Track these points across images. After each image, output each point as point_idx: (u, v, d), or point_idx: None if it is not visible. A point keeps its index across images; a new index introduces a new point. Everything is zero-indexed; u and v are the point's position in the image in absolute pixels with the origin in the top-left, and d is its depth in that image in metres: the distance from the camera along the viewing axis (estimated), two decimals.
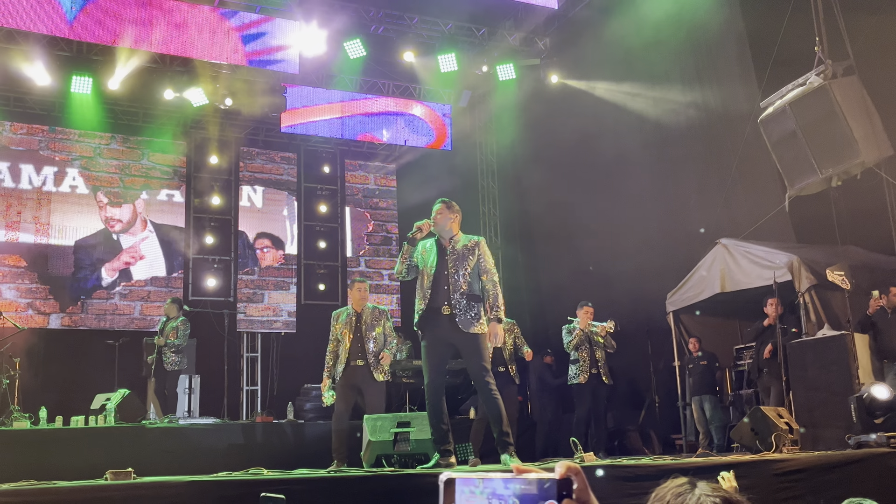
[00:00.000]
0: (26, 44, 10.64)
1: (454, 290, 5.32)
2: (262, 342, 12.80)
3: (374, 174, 14.09)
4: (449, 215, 5.57)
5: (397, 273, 5.65)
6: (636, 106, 11.04)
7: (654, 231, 10.19)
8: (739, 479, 3.47)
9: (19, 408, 8.74)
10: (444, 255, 5.46)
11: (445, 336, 5.38)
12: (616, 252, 10.38)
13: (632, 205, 10.56)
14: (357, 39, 11.49)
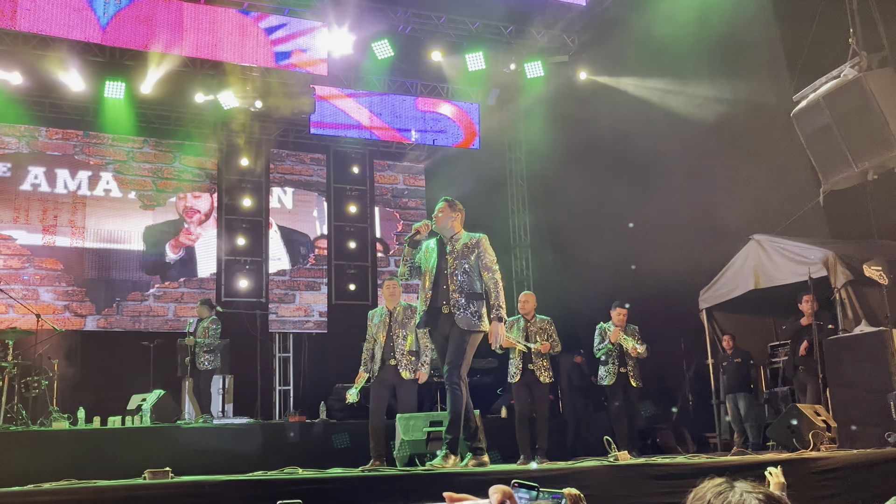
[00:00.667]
0: (61, 50, 10.82)
1: (454, 290, 5.30)
2: (293, 342, 12.89)
3: (403, 174, 14.12)
4: (451, 214, 5.54)
5: (400, 275, 5.68)
6: (666, 102, 10.95)
7: (685, 228, 10.10)
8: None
9: (58, 408, 8.90)
10: (445, 253, 5.44)
11: (443, 332, 5.37)
12: (647, 249, 10.30)
13: (663, 202, 10.47)
14: (385, 40, 11.53)
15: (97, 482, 4.12)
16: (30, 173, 11.60)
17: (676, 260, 9.85)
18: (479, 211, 12.53)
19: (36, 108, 11.56)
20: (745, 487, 1.40)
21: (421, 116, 13.19)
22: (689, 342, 10.67)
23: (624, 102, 11.42)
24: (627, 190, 10.90)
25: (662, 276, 9.98)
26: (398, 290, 6.98)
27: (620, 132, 10.88)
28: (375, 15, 11.48)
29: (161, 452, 7.41)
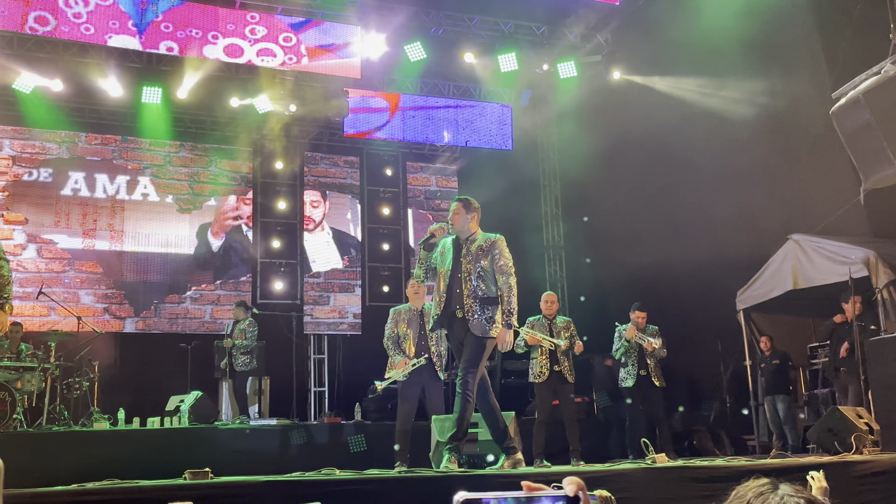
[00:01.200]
0: (99, 57, 11.02)
1: (468, 294, 5.21)
2: (328, 344, 12.97)
3: (436, 176, 14.14)
4: (466, 215, 5.41)
5: (416, 277, 5.66)
6: (702, 101, 10.85)
7: (722, 228, 9.99)
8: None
9: (99, 409, 9.05)
10: (460, 255, 5.34)
11: (458, 336, 5.31)
12: (683, 250, 10.21)
13: (699, 201, 10.37)
14: (417, 42, 11.57)
15: (139, 482, 4.18)
16: (70, 178, 11.82)
17: (713, 260, 9.75)
18: (512, 212, 12.56)
19: (76, 115, 11.77)
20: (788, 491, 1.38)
21: (453, 118, 13.20)
22: (727, 344, 10.55)
23: (658, 102, 11.32)
24: (663, 190, 10.82)
25: (699, 276, 9.88)
26: (422, 289, 6.94)
27: (655, 132, 10.79)
28: (408, 17, 11.52)
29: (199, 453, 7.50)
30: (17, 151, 11.60)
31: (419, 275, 5.54)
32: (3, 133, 11.57)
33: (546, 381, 7.53)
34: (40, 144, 11.72)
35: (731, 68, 10.35)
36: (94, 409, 8.94)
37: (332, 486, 4.21)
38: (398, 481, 4.57)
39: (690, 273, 10.02)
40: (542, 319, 7.76)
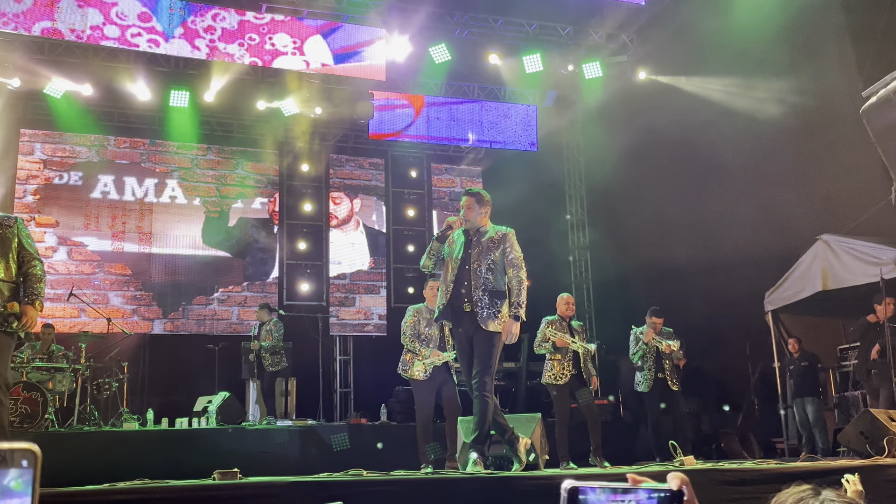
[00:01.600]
0: (128, 61, 11.15)
1: (476, 287, 5.16)
2: (353, 345, 13.01)
3: (461, 177, 14.14)
4: (479, 209, 5.38)
5: (423, 266, 5.47)
6: (729, 100, 10.76)
7: (749, 228, 9.91)
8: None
9: (128, 409, 9.16)
10: (469, 248, 5.29)
11: (467, 332, 5.23)
12: (710, 251, 10.13)
13: (726, 201, 10.28)
14: (442, 44, 11.58)
15: (169, 482, 4.22)
16: (100, 181, 11.97)
17: (741, 261, 9.66)
18: (537, 213, 12.55)
19: (105, 118, 11.93)
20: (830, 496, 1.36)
21: (478, 119, 13.21)
22: (755, 345, 10.45)
23: (685, 102, 11.25)
24: (690, 190, 10.74)
25: (727, 277, 9.79)
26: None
27: (682, 132, 10.72)
28: (433, 20, 11.55)
29: (227, 453, 7.57)
30: (48, 155, 11.77)
31: (427, 264, 5.41)
32: (35, 137, 11.74)
33: (566, 383, 7.44)
34: (70, 148, 11.88)
35: (760, 67, 10.26)
36: (123, 410, 9.04)
37: (359, 487, 4.22)
38: (425, 483, 4.58)
39: (718, 274, 9.93)
40: (560, 321, 7.68)
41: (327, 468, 5.45)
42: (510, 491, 4.37)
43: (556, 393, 7.44)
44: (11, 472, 0.82)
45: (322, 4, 11.32)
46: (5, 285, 4.30)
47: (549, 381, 7.45)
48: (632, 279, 12.34)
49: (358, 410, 11.64)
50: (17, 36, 10.42)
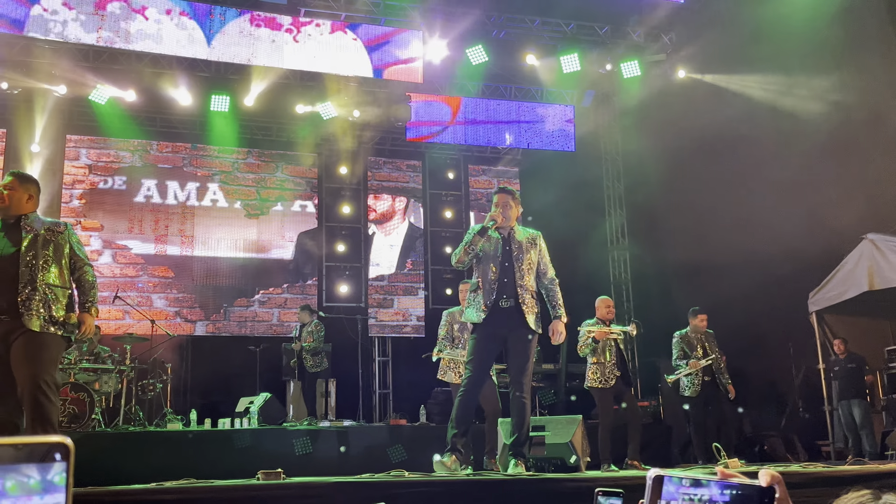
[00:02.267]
0: (170, 67, 11.34)
1: (518, 286, 5.15)
2: (392, 346, 13.07)
3: (498, 178, 14.12)
4: (516, 208, 5.41)
5: (458, 263, 5.32)
6: (769, 98, 10.61)
7: (792, 227, 9.75)
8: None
9: (172, 410, 9.31)
10: (507, 246, 5.27)
11: (501, 331, 5.18)
12: (752, 251, 9.99)
13: (767, 201, 10.14)
14: (479, 45, 11.59)
15: (214, 482, 4.28)
16: (143, 186, 12.18)
17: (784, 261, 9.52)
18: (576, 213, 12.48)
19: (148, 124, 12.14)
20: (892, 500, 1.34)
21: (515, 120, 13.18)
22: (798, 346, 10.29)
23: (725, 99, 11.11)
24: (730, 189, 10.60)
25: (769, 278, 9.66)
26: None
27: (722, 130, 10.60)
28: (470, 21, 11.56)
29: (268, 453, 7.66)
30: (93, 160, 12.01)
31: (464, 259, 5.27)
32: (80, 143, 11.99)
33: (609, 389, 7.41)
34: (114, 153, 12.11)
35: (802, 65, 10.09)
36: (167, 410, 9.19)
37: (401, 488, 4.24)
38: (466, 484, 4.58)
39: (760, 274, 9.79)
40: (601, 324, 7.67)
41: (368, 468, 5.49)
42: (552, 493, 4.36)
43: (599, 396, 7.42)
44: (55, 466, 0.84)
45: (360, 8, 11.39)
46: (60, 291, 4.41)
47: (593, 384, 7.43)
48: (671, 280, 12.22)
49: (397, 411, 11.68)
50: (63, 44, 10.65)
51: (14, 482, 0.81)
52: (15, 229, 4.39)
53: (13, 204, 4.40)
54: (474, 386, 5.17)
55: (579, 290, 12.17)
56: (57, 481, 0.83)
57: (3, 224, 4.42)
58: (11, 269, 4.27)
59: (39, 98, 11.30)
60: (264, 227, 12.64)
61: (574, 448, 5.88)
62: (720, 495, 0.96)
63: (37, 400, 4.14)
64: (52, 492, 0.83)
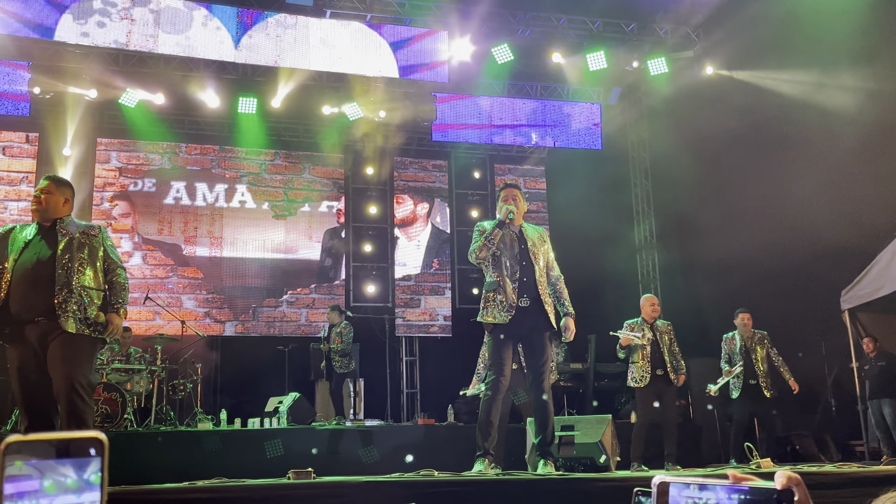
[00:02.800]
0: (198, 70, 11.45)
1: (538, 283, 5.07)
2: (419, 346, 13.09)
3: (524, 177, 14.09)
4: (524, 204, 5.33)
5: (478, 260, 5.16)
6: (800, 92, 10.47)
7: (824, 224, 9.61)
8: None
9: (202, 410, 9.39)
10: (523, 245, 5.17)
11: (518, 330, 5.11)
12: (783, 248, 9.87)
13: (798, 198, 10.00)
14: (505, 44, 11.57)
15: (245, 481, 4.31)
16: (172, 188, 12.31)
17: (816, 258, 9.40)
18: (603, 211, 12.42)
19: (176, 126, 12.26)
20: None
21: (541, 119, 13.14)
22: (831, 345, 10.16)
23: (754, 95, 10.99)
24: (760, 186, 10.48)
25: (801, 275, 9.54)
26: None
27: (751, 126, 10.48)
28: (495, 20, 11.55)
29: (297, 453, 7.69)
30: (123, 163, 12.15)
31: (484, 255, 5.12)
32: (111, 146, 12.14)
33: (648, 385, 7.42)
34: (144, 156, 12.25)
35: (830, 58, 9.94)
36: (197, 410, 9.27)
37: (431, 488, 4.24)
38: (496, 484, 4.57)
39: (791, 272, 9.68)
40: (642, 323, 7.64)
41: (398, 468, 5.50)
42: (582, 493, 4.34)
43: (636, 395, 7.45)
44: (90, 465, 0.85)
45: (385, 9, 11.42)
46: (95, 293, 4.47)
47: (630, 383, 7.48)
48: (701, 278, 12.11)
49: (425, 411, 11.70)
50: (93, 48, 10.79)
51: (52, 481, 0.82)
52: (51, 233, 4.46)
53: (50, 208, 4.48)
54: (500, 390, 5.10)
55: (607, 289, 12.13)
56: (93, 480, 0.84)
57: (40, 227, 4.49)
58: (48, 271, 4.34)
59: (71, 102, 11.47)
60: (292, 227, 12.72)
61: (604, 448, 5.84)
62: (727, 500, 0.93)
63: (72, 401, 4.19)
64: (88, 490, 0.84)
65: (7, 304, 4.28)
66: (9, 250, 4.38)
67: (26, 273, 4.32)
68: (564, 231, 13.24)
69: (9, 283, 4.29)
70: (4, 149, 11.67)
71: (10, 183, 11.58)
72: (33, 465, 0.81)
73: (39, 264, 4.35)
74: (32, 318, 4.29)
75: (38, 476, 0.81)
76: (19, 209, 11.47)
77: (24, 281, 4.31)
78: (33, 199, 4.49)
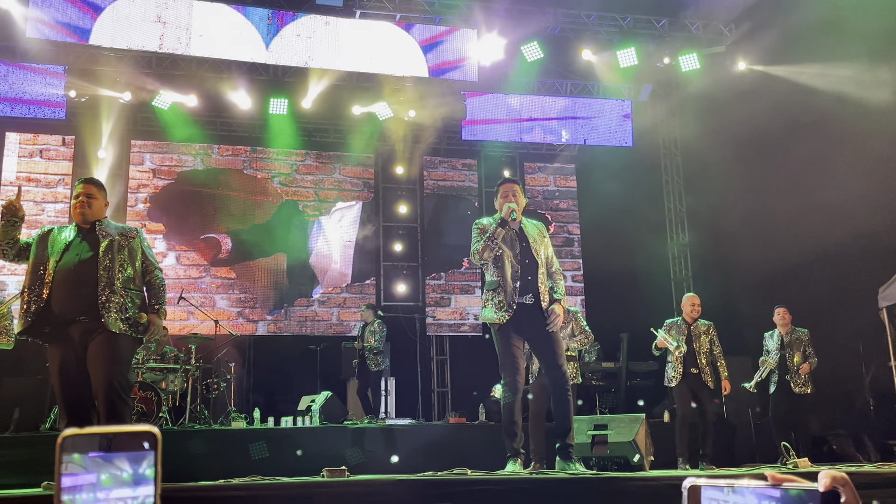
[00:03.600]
0: (229, 72, 11.56)
1: (539, 282, 5.01)
2: (450, 345, 13.10)
3: (554, 175, 14.04)
4: (523, 199, 5.24)
5: (481, 260, 5.06)
6: (835, 88, 10.30)
7: (860, 221, 9.45)
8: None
9: (235, 408, 9.48)
10: (524, 242, 5.10)
11: (525, 327, 5.04)
12: (817, 244, 9.72)
13: (834, 193, 9.84)
14: (534, 42, 11.53)
15: (280, 479, 4.35)
16: None
17: (852, 255, 9.25)
18: (634, 209, 12.34)
19: (209, 127, 12.39)
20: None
21: (571, 116, 13.08)
22: (868, 343, 9.98)
23: (787, 90, 10.83)
24: (795, 182, 10.32)
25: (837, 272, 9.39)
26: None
27: (784, 122, 10.33)
28: (525, 18, 11.52)
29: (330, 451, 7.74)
30: (157, 164, 12.31)
31: (488, 256, 5.02)
32: (144, 148, 12.30)
33: (680, 383, 7.41)
34: (177, 157, 12.39)
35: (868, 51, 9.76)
36: (231, 409, 9.36)
37: (464, 486, 4.24)
38: (528, 482, 4.56)
39: (827, 269, 9.53)
40: (681, 323, 7.60)
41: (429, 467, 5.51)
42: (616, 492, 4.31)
43: (675, 392, 7.44)
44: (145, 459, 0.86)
45: (415, 8, 11.44)
46: (135, 293, 4.57)
47: (666, 382, 7.49)
48: (734, 276, 11.98)
49: (455, 410, 11.71)
50: (127, 51, 10.93)
51: (108, 475, 0.83)
52: (91, 234, 4.55)
53: (94, 211, 4.57)
54: (517, 390, 5.04)
55: (639, 287, 12.05)
56: (147, 473, 0.86)
57: (79, 229, 4.57)
58: (90, 272, 4.42)
59: (105, 105, 11.64)
60: (322, 227, 12.79)
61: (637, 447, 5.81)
62: (777, 498, 0.87)
63: (111, 399, 4.26)
64: (143, 483, 0.85)
65: (49, 304, 4.35)
66: (49, 252, 4.46)
67: (69, 274, 4.40)
68: (595, 229, 13.18)
69: (50, 284, 4.37)
70: (41, 151, 11.87)
71: (48, 185, 11.78)
72: (90, 459, 0.83)
73: (82, 265, 4.43)
74: (75, 318, 4.37)
75: (95, 469, 0.83)
76: (56, 211, 11.67)
77: (66, 281, 4.38)
78: (78, 202, 4.57)
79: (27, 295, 4.36)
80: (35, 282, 4.38)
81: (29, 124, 11.58)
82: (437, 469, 5.21)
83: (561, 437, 5.09)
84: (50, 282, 4.37)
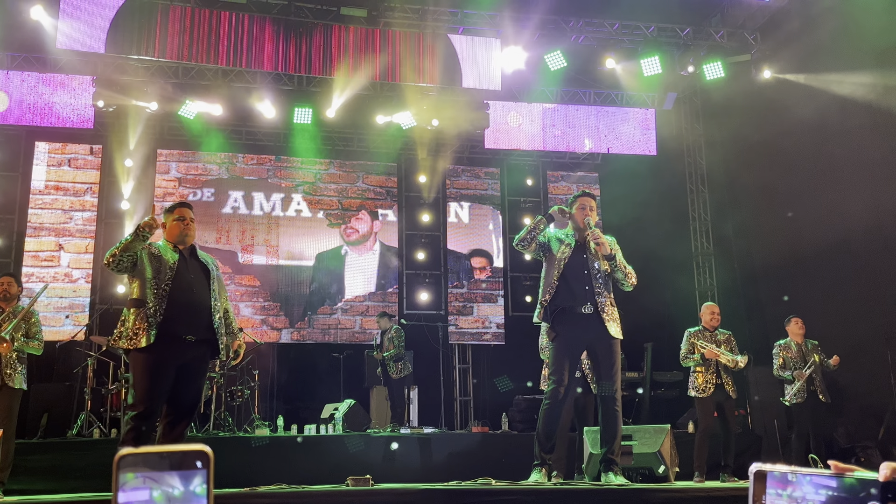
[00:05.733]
0: (254, 81, 11.67)
1: (598, 293, 5.05)
2: (472, 354, 13.09)
3: (577, 184, 13.99)
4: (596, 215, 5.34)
5: (527, 249, 5.20)
6: (863, 95, 10.19)
7: (889, 228, 9.34)
8: None
9: (259, 416, 9.52)
10: (584, 253, 5.16)
11: (582, 336, 5.09)
12: (845, 253, 9.61)
13: (862, 202, 9.73)
14: (558, 51, 11.53)
15: (305, 487, 4.37)
16: (230, 197, 12.54)
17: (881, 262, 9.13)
18: (659, 218, 12.27)
19: (234, 137, 12.51)
20: None
21: (595, 125, 13.04)
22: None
23: (814, 99, 10.72)
24: (822, 191, 10.22)
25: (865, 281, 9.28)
26: None
27: (811, 130, 10.24)
28: (548, 27, 11.53)
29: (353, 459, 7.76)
30: (183, 173, 12.43)
31: (525, 244, 5.16)
32: (170, 157, 12.43)
33: (710, 396, 7.31)
34: (203, 166, 12.51)
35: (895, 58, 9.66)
36: (255, 416, 9.41)
37: (489, 496, 4.24)
38: (554, 493, 4.54)
39: (855, 277, 9.42)
40: (704, 331, 7.53)
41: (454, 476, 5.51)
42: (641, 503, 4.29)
43: (698, 404, 7.34)
44: (197, 477, 0.88)
45: (439, 19, 11.47)
46: (230, 320, 4.91)
47: (691, 392, 7.37)
48: (760, 285, 11.87)
49: (478, 419, 11.69)
50: (154, 62, 11.06)
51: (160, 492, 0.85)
52: (194, 258, 4.67)
53: (193, 234, 4.69)
54: (559, 398, 5.06)
55: (664, 297, 11.97)
56: (199, 491, 0.87)
57: (181, 254, 4.66)
58: (206, 295, 4.64)
59: (132, 114, 11.79)
60: (345, 236, 12.85)
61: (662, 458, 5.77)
62: (836, 489, 0.91)
63: (193, 414, 4.66)
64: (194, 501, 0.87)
65: (169, 320, 4.45)
66: (159, 268, 4.54)
67: (185, 296, 4.53)
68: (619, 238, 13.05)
69: (165, 300, 4.45)
70: (70, 160, 12.03)
71: (76, 194, 11.94)
72: (144, 477, 0.85)
73: (199, 288, 4.62)
74: (190, 337, 4.52)
75: (149, 487, 0.85)
76: (84, 219, 11.82)
77: (184, 302, 4.52)
78: (183, 224, 4.69)
79: (150, 309, 4.42)
80: (155, 297, 4.45)
81: (58, 134, 11.74)
82: (461, 478, 5.22)
83: (606, 448, 5.08)
84: (165, 297, 4.46)
